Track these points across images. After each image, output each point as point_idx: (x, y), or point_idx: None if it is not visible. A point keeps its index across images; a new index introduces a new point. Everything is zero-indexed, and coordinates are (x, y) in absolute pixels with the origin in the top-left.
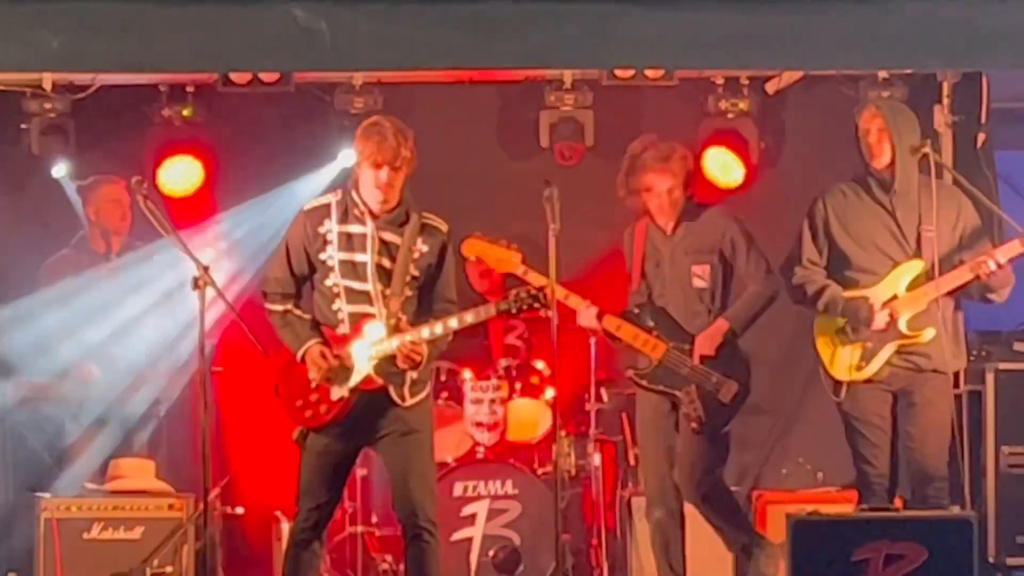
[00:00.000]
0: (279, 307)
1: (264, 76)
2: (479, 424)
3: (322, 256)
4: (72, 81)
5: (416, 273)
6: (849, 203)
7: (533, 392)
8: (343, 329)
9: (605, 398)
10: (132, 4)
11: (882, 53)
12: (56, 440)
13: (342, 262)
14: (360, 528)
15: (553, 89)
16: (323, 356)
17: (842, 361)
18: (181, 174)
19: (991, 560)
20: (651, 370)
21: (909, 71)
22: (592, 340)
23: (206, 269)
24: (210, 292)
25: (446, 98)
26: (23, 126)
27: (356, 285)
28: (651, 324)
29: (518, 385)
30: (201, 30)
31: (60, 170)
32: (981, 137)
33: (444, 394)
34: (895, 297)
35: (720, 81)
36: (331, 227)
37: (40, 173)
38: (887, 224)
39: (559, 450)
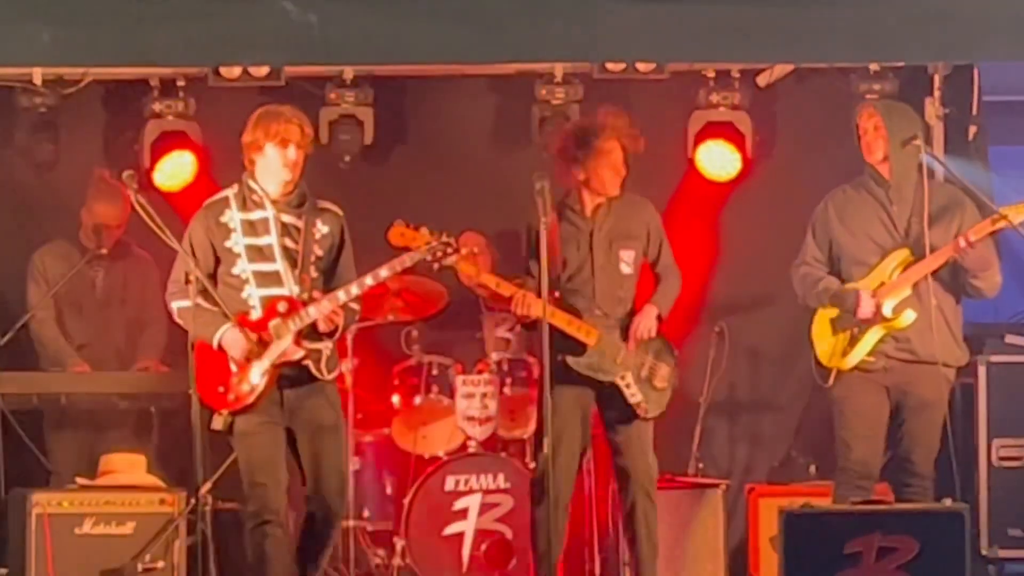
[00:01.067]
0: (187, 303)
1: (255, 70)
2: (471, 418)
3: (227, 244)
4: (62, 75)
5: (320, 253)
6: (848, 200)
7: (524, 386)
8: (255, 315)
9: None
10: None
11: (871, 45)
12: (47, 434)
13: (248, 247)
14: (352, 522)
15: (544, 83)
16: (243, 334)
17: (830, 348)
18: (174, 168)
19: (983, 553)
20: (588, 358)
21: (900, 64)
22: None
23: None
24: None
25: (437, 92)
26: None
27: (265, 267)
28: (579, 309)
29: (509, 379)
30: (192, 24)
31: (47, 164)
32: (972, 129)
33: (435, 388)
34: (882, 285)
35: (711, 74)
36: (233, 216)
37: (30, 167)
38: (880, 216)
39: (551, 444)
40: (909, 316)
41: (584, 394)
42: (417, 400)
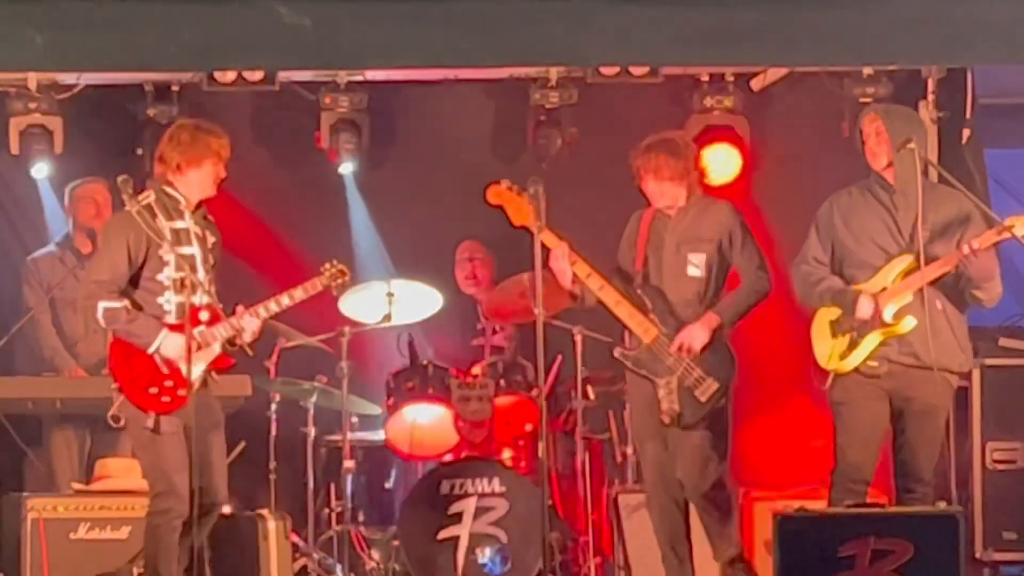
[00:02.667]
0: (118, 304)
1: (249, 75)
2: (466, 422)
3: (160, 252)
4: (57, 80)
5: (213, 262)
6: (854, 202)
7: (520, 389)
8: (170, 319)
9: (591, 395)
10: (117, 2)
11: (866, 49)
12: (42, 439)
13: (176, 256)
14: (347, 527)
15: (538, 87)
16: (184, 338)
17: (829, 350)
18: None
19: (977, 556)
20: (638, 353)
21: (894, 67)
22: (577, 338)
23: (192, 269)
24: None
25: (431, 96)
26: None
27: (186, 276)
28: (648, 306)
29: (504, 383)
30: (187, 28)
31: (41, 170)
32: (967, 133)
33: (430, 391)
34: (884, 289)
35: (705, 78)
36: (163, 224)
37: (25, 172)
38: (886, 221)
39: (546, 448)
40: (910, 322)
41: (646, 385)
42: (412, 404)
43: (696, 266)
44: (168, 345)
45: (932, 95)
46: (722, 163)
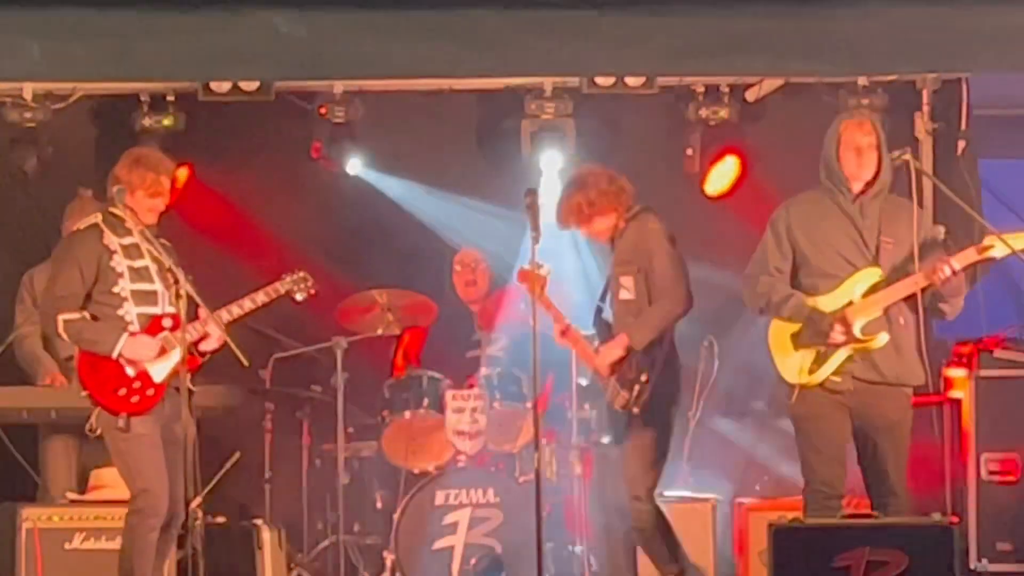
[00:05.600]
0: (76, 315)
1: (244, 85)
2: (460, 433)
3: (112, 264)
4: (52, 91)
5: (174, 280)
6: (813, 209)
7: (514, 400)
8: (133, 329)
9: (587, 406)
10: (113, 13)
11: (862, 57)
12: (37, 449)
13: (129, 268)
14: (342, 536)
15: (534, 98)
16: (147, 339)
17: (794, 364)
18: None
19: (972, 567)
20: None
21: (889, 78)
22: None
23: (186, 276)
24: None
25: (426, 107)
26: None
27: (143, 287)
28: (593, 334)
29: (499, 393)
30: (182, 38)
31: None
32: (961, 144)
33: (425, 402)
34: (850, 303)
35: (700, 89)
36: (112, 240)
37: (22, 183)
38: (848, 232)
39: (540, 458)
40: (883, 339)
41: None
42: (407, 414)
43: (627, 288)
44: (130, 348)
45: (927, 106)
46: (719, 173)
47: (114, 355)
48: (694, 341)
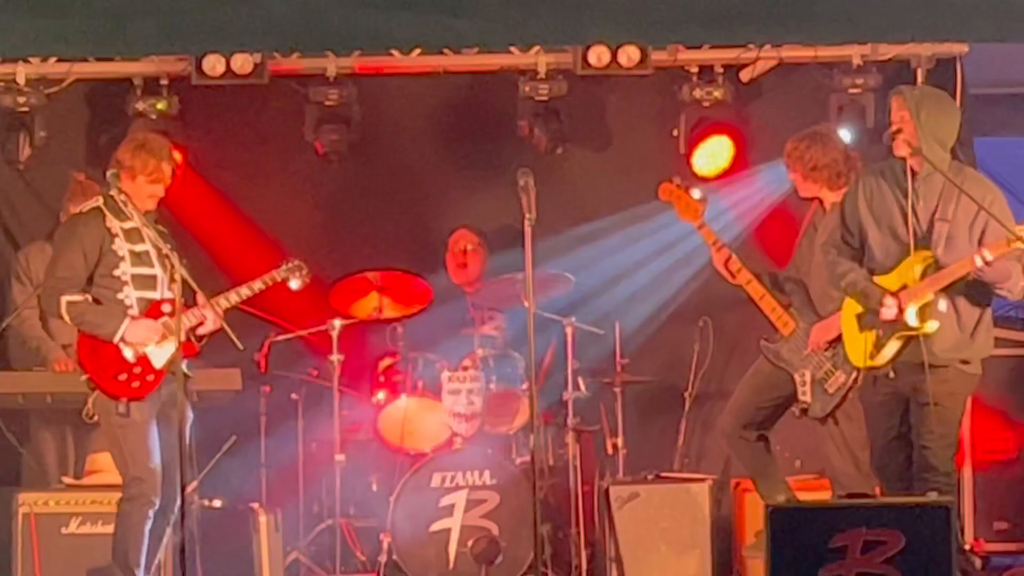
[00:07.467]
0: (79, 297)
1: (237, 68)
2: (457, 415)
3: (113, 247)
4: (46, 75)
5: (171, 265)
6: (878, 188)
7: (510, 382)
8: (133, 313)
9: (583, 387)
10: None
11: (857, 27)
12: (33, 434)
13: (130, 252)
14: (338, 519)
15: (528, 79)
16: (151, 323)
17: (859, 348)
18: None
19: (969, 546)
20: (777, 346)
21: (884, 58)
22: (568, 330)
23: (181, 261)
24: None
25: (420, 89)
26: None
27: (144, 271)
28: (789, 300)
29: (494, 375)
30: (173, 13)
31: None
32: None
33: (421, 384)
34: (905, 287)
35: (694, 70)
36: (114, 223)
37: (12, 166)
38: (905, 211)
39: (537, 440)
40: (932, 326)
41: (778, 375)
42: (403, 397)
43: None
44: (132, 332)
45: (922, 85)
46: (713, 154)
47: (116, 339)
48: (690, 321)
